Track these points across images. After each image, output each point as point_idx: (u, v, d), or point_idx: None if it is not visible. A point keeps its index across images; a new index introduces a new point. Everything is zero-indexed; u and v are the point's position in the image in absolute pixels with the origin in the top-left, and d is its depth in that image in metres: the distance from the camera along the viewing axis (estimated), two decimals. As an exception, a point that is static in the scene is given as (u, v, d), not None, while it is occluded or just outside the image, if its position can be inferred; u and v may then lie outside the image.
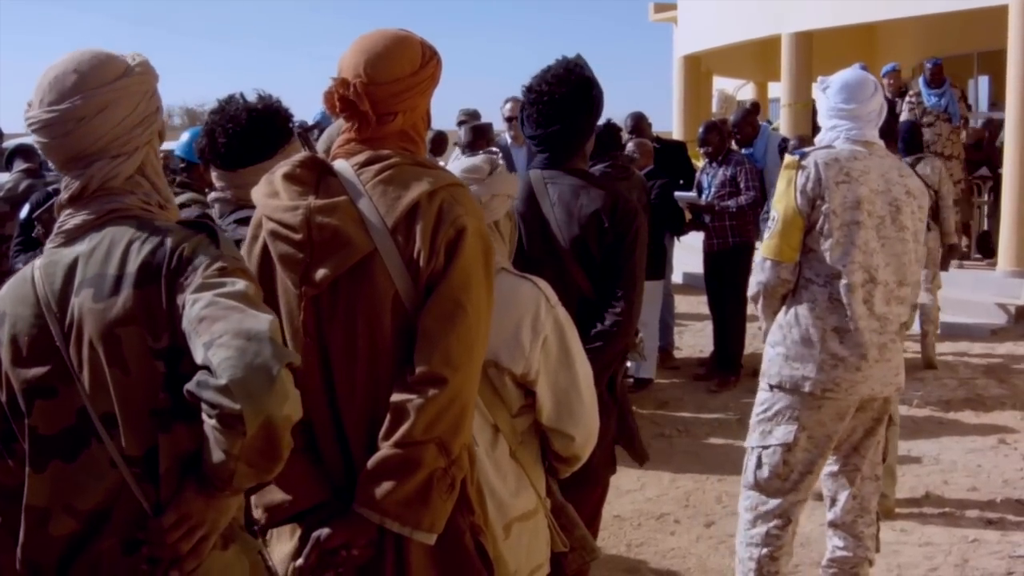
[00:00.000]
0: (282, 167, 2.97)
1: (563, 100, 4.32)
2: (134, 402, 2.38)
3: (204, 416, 2.17)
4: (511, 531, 3.34)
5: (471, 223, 2.89)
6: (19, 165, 7.58)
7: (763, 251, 4.80)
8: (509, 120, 9.74)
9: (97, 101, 2.49)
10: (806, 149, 4.81)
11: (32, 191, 7.21)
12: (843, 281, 4.62)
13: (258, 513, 2.89)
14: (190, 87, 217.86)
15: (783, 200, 4.71)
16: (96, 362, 2.39)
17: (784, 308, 4.84)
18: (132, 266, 2.40)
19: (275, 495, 2.85)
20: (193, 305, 2.26)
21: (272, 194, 2.93)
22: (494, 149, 8.13)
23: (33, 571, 2.50)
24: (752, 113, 11.77)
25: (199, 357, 2.19)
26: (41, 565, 2.49)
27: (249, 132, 3.96)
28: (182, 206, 6.87)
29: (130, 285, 2.38)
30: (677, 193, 10.26)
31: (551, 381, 3.35)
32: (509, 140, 9.76)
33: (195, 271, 2.35)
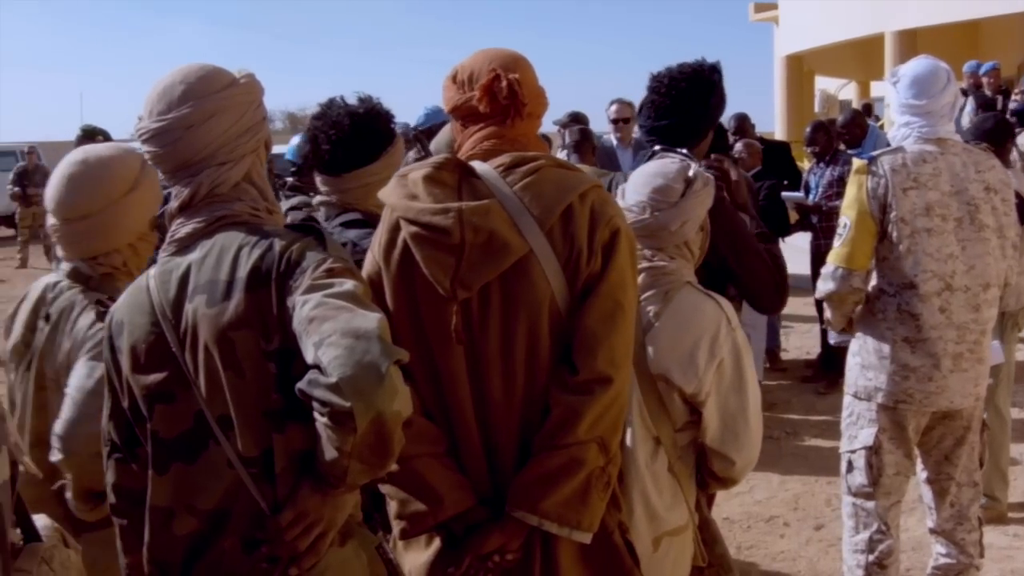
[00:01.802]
0: (419, 169, 2.95)
1: (682, 95, 4.29)
2: (249, 404, 2.43)
3: (316, 414, 2.20)
4: (660, 545, 3.33)
5: (622, 224, 2.91)
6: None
7: (833, 259, 4.66)
8: (615, 122, 9.74)
9: (205, 109, 2.56)
10: (875, 152, 4.66)
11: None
12: (915, 291, 4.50)
13: (400, 524, 2.90)
14: (291, 91, 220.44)
15: (854, 206, 4.58)
16: (211, 366, 2.44)
17: (859, 317, 4.77)
18: (243, 271, 2.45)
19: (417, 505, 2.85)
20: (303, 306, 2.29)
21: (411, 196, 2.91)
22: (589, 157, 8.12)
23: (160, 570, 2.57)
24: (861, 115, 11.63)
25: (309, 356, 2.21)
26: (167, 564, 2.55)
27: (352, 137, 3.92)
28: (293, 208, 6.96)
29: (241, 289, 2.43)
30: (784, 194, 10.18)
31: (721, 404, 3.31)
32: (615, 141, 9.76)
33: (303, 273, 2.38)
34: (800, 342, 11.89)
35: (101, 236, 3.23)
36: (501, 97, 2.96)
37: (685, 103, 4.31)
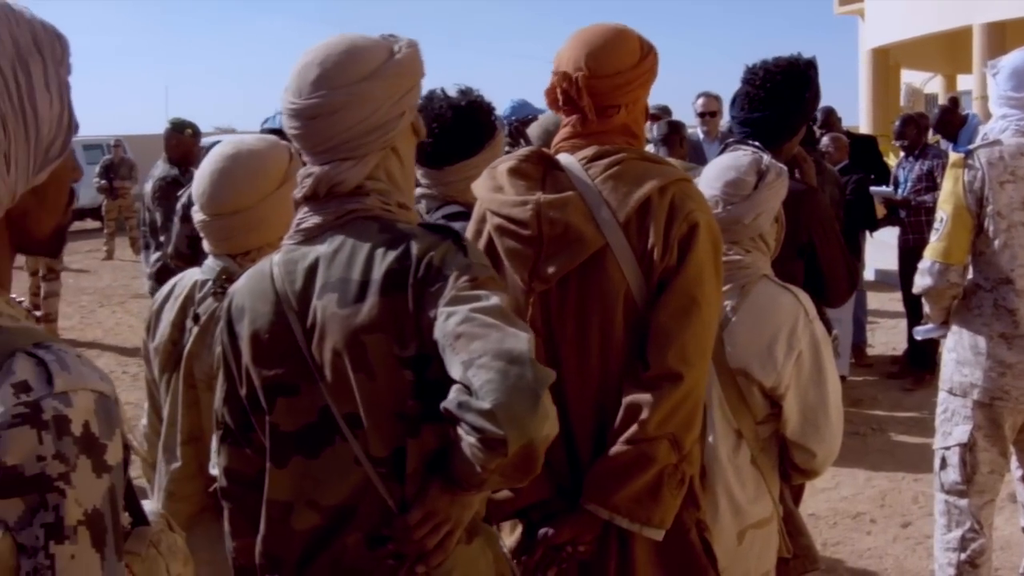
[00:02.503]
0: (506, 161, 2.96)
1: (775, 89, 4.28)
2: (380, 406, 2.34)
3: (462, 433, 2.10)
4: (744, 537, 3.33)
5: (703, 218, 2.87)
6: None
7: (930, 254, 4.60)
8: (701, 115, 9.74)
9: (331, 102, 2.40)
10: (972, 146, 4.59)
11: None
12: (1012, 286, 4.45)
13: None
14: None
15: (951, 200, 4.51)
16: (339, 366, 2.35)
17: (954, 312, 4.71)
18: (377, 272, 2.33)
19: (498, 492, 2.83)
20: (447, 319, 2.17)
21: (496, 188, 2.93)
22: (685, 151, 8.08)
23: (273, 564, 2.52)
24: (951, 111, 11.49)
25: (456, 374, 2.11)
26: (282, 559, 2.50)
27: (454, 130, 3.86)
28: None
29: (376, 292, 2.32)
30: (873, 188, 10.09)
31: (800, 397, 3.31)
32: (701, 135, 9.75)
33: (445, 281, 2.25)
34: (886, 338, 11.76)
35: (254, 231, 3.17)
36: (559, 104, 2.99)
37: (780, 96, 4.30)
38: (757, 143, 4.02)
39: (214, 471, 2.80)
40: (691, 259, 2.83)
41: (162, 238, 7.96)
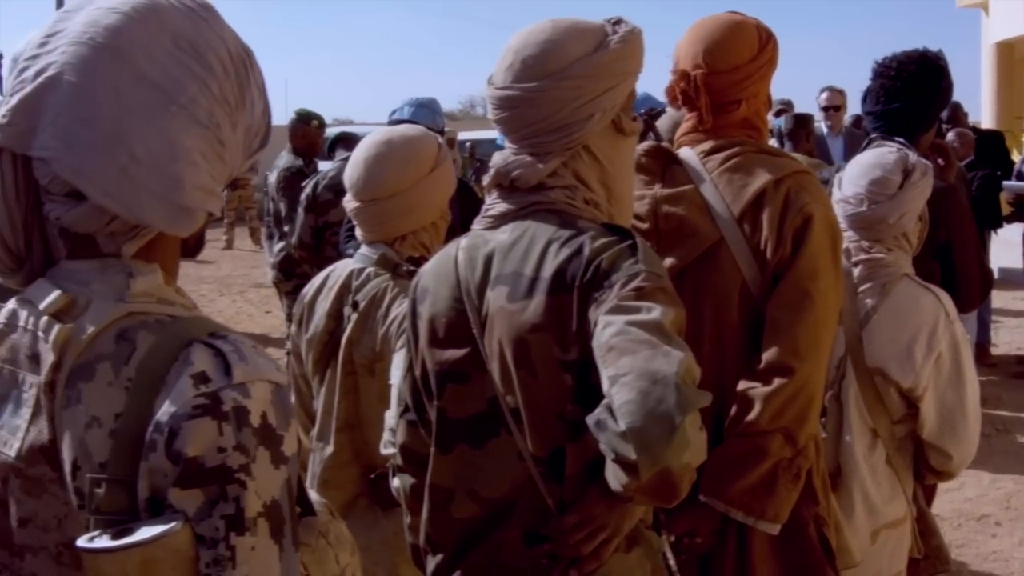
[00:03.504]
0: None
1: (910, 79, 4.22)
2: (540, 405, 2.29)
3: (602, 451, 2.04)
4: (878, 537, 3.31)
5: (818, 211, 2.85)
6: (341, 154, 7.86)
7: None
8: (825, 109, 9.66)
9: (514, 98, 2.36)
10: None
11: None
12: None
13: None
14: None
15: None
16: (504, 359, 2.31)
17: None
18: (547, 270, 2.26)
19: None
20: (604, 329, 2.09)
21: None
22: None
23: (433, 548, 2.51)
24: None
25: (604, 388, 2.03)
26: (442, 544, 2.49)
27: None
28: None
29: (543, 291, 2.26)
30: (1006, 183, 9.87)
31: (939, 398, 3.27)
32: (825, 130, 9.65)
33: (611, 288, 2.15)
34: (1010, 337, 11.53)
35: (409, 215, 3.21)
36: (677, 104, 3.00)
37: (916, 86, 4.24)
38: (902, 139, 3.97)
39: (385, 451, 2.84)
40: (805, 252, 2.81)
41: (286, 228, 8.06)
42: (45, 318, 1.52)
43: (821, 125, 9.70)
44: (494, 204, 2.45)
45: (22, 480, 1.54)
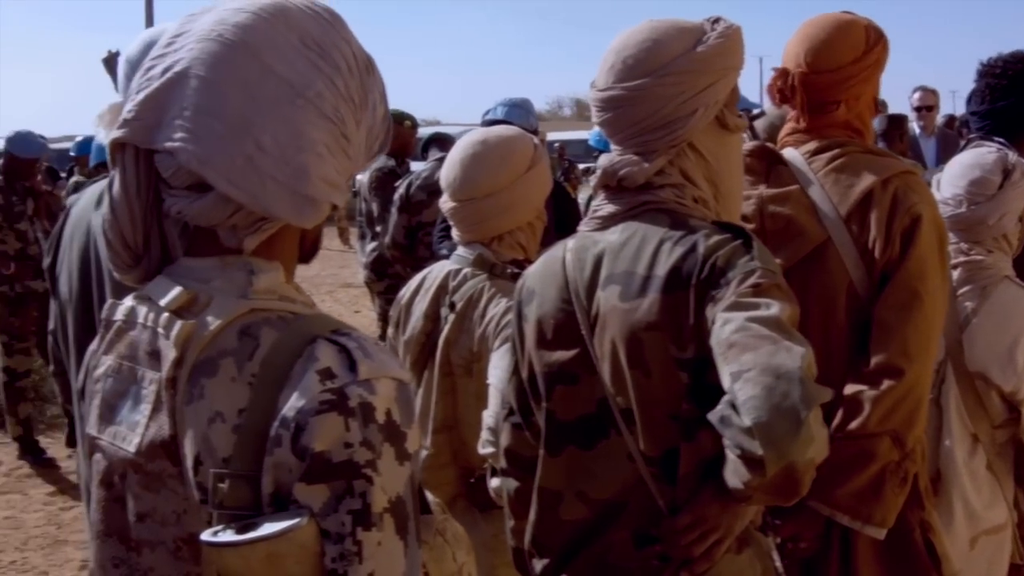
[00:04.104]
0: None
1: (1017, 77, 4.15)
2: (654, 405, 2.27)
3: (725, 448, 2.05)
4: (977, 543, 3.27)
5: (926, 211, 2.83)
6: (435, 154, 7.91)
7: None
8: (917, 110, 9.53)
9: (616, 98, 2.37)
10: None
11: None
12: None
13: None
14: (581, 78, 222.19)
15: None
16: (616, 359, 2.29)
17: None
18: (661, 269, 2.25)
19: None
20: (723, 325, 2.08)
21: None
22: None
23: (540, 551, 2.50)
24: None
25: (725, 384, 2.04)
26: (548, 547, 2.48)
27: None
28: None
29: (657, 289, 2.24)
30: None
31: None
32: (917, 130, 9.51)
33: (728, 285, 2.15)
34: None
35: (505, 214, 3.21)
36: (777, 101, 2.99)
37: (1022, 84, 4.16)
38: (1001, 139, 3.91)
39: (484, 451, 2.85)
40: (913, 252, 2.79)
41: (378, 228, 8.09)
42: (166, 315, 1.53)
43: (913, 126, 9.57)
44: (602, 205, 2.44)
45: (141, 475, 1.55)
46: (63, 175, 14.83)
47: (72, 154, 12.79)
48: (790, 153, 2.98)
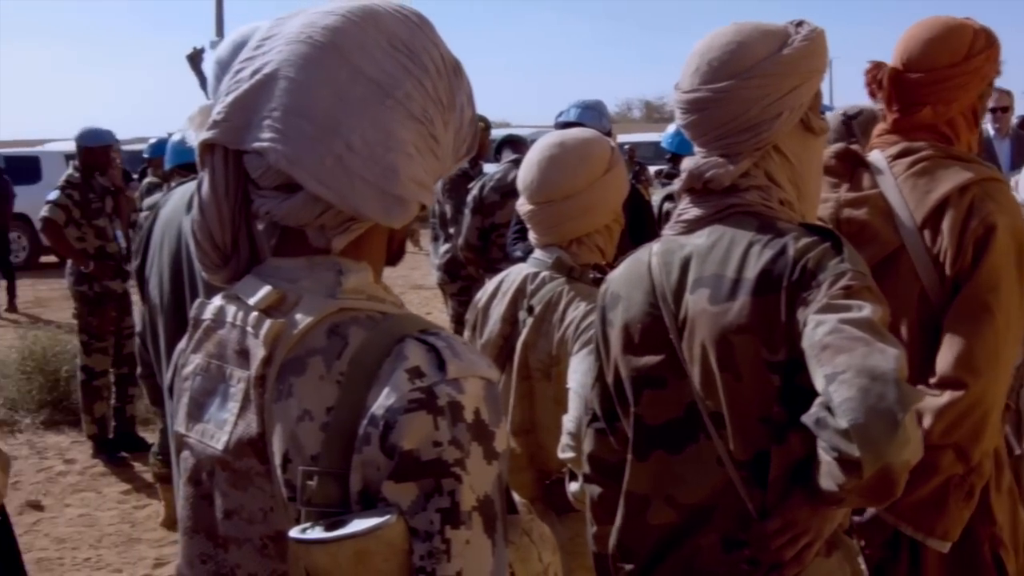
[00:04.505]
0: None
1: None
2: (745, 408, 2.26)
3: (820, 450, 2.05)
4: None
5: (1003, 220, 2.77)
6: (508, 155, 7.92)
7: None
8: (992, 111, 9.39)
9: (701, 100, 2.36)
10: None
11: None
12: None
13: None
14: (649, 80, 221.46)
15: None
16: (706, 362, 2.29)
17: None
18: (751, 272, 2.24)
19: None
20: (816, 327, 2.08)
21: None
22: None
23: (626, 556, 2.49)
24: None
25: (819, 386, 2.04)
26: (635, 552, 2.47)
27: None
28: (668, 198, 6.99)
29: (747, 292, 2.23)
30: None
31: None
32: (992, 132, 9.40)
33: (819, 287, 2.15)
34: None
35: (583, 216, 3.21)
36: (873, 94, 2.96)
37: None
38: None
39: (563, 455, 2.86)
40: (986, 262, 2.74)
41: (451, 230, 8.12)
42: (255, 314, 1.54)
43: (988, 127, 9.46)
44: (687, 209, 2.43)
45: (229, 473, 1.57)
46: (135, 176, 14.95)
47: (145, 156, 12.83)
48: (875, 156, 2.95)
